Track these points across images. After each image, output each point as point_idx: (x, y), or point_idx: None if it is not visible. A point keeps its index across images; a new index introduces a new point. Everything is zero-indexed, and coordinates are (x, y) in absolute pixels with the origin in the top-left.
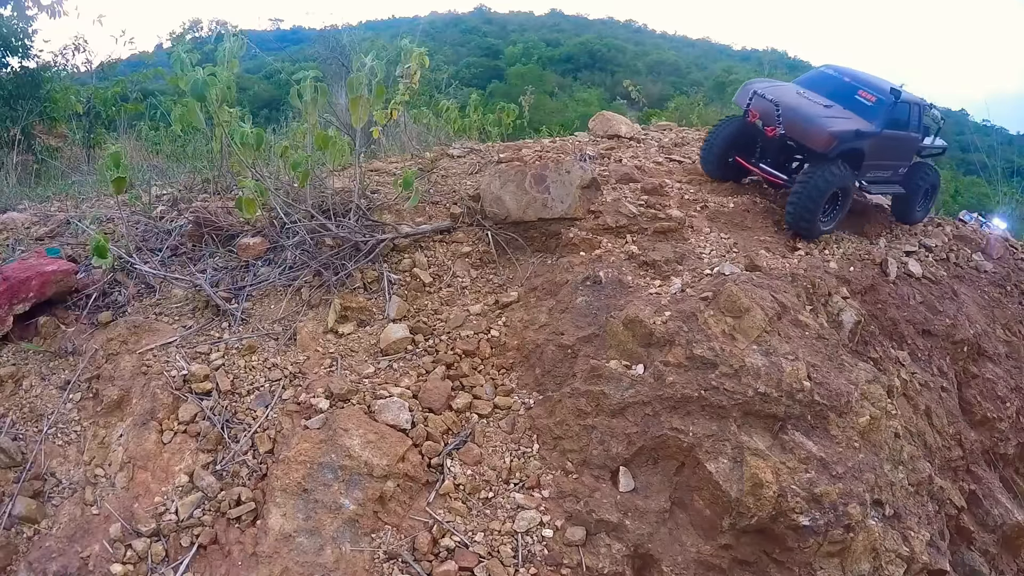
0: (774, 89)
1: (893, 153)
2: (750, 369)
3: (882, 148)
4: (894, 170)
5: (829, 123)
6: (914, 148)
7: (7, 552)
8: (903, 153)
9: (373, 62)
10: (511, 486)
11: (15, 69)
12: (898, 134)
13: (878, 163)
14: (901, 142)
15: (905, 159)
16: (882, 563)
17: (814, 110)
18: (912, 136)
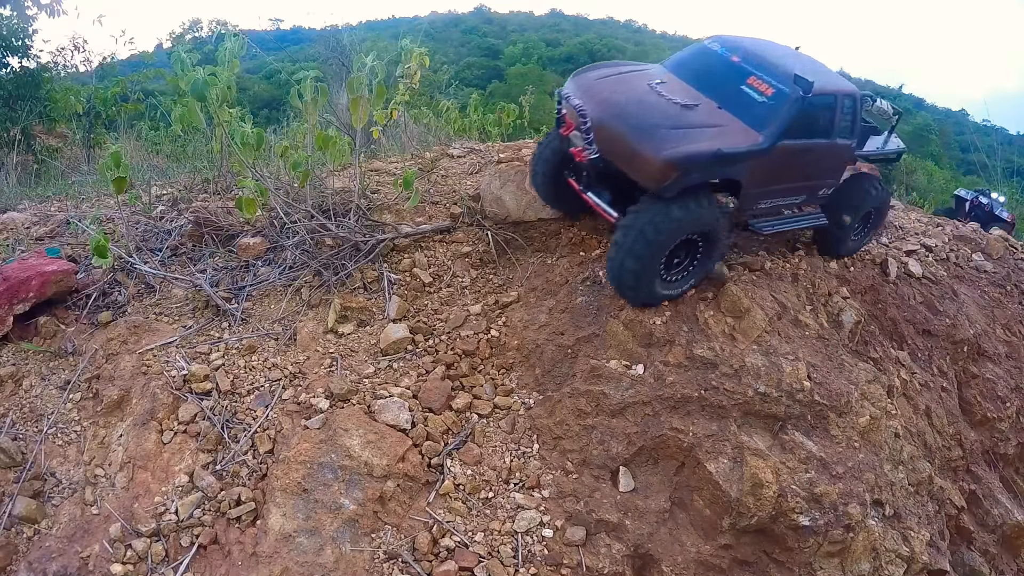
0: (607, 81)
1: (804, 172)
2: (750, 369)
3: (782, 168)
4: (810, 194)
5: (665, 142)
6: (844, 161)
7: (7, 552)
8: (823, 170)
9: (373, 62)
10: (511, 486)
11: (15, 69)
12: (813, 145)
13: (776, 189)
14: (818, 155)
15: (828, 177)
16: (882, 563)
17: (650, 118)
18: (838, 145)
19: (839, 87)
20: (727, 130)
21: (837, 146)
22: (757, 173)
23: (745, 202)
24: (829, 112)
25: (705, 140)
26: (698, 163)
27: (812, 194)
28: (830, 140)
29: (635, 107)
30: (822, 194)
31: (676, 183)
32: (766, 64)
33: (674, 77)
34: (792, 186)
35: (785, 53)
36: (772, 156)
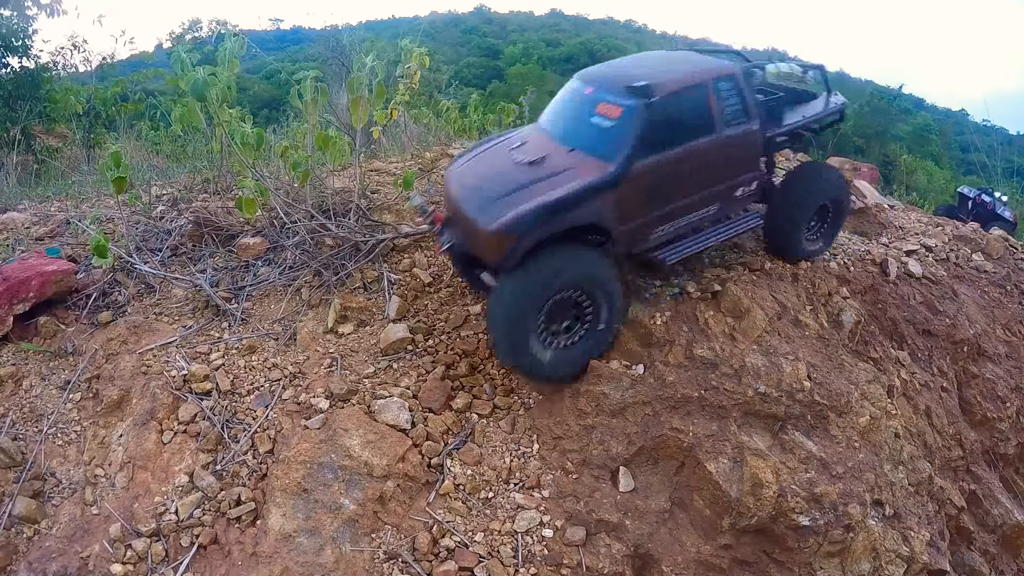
0: (467, 165)
1: (695, 180)
2: (750, 369)
3: (660, 187)
4: (723, 199)
5: (495, 213)
6: (750, 149)
7: (7, 552)
8: (723, 169)
9: (373, 62)
10: (511, 486)
11: (15, 69)
12: (693, 148)
13: (668, 211)
14: (707, 157)
15: (735, 174)
16: (882, 563)
17: (489, 192)
18: (731, 136)
19: (705, 73)
20: (570, 174)
21: (730, 138)
22: (625, 204)
23: (628, 238)
24: (700, 105)
25: (538, 196)
26: (526, 224)
27: (726, 199)
28: (716, 135)
29: (479, 185)
30: (742, 194)
31: (514, 252)
32: (616, 85)
33: (537, 133)
34: (689, 201)
35: (647, 64)
36: (638, 180)
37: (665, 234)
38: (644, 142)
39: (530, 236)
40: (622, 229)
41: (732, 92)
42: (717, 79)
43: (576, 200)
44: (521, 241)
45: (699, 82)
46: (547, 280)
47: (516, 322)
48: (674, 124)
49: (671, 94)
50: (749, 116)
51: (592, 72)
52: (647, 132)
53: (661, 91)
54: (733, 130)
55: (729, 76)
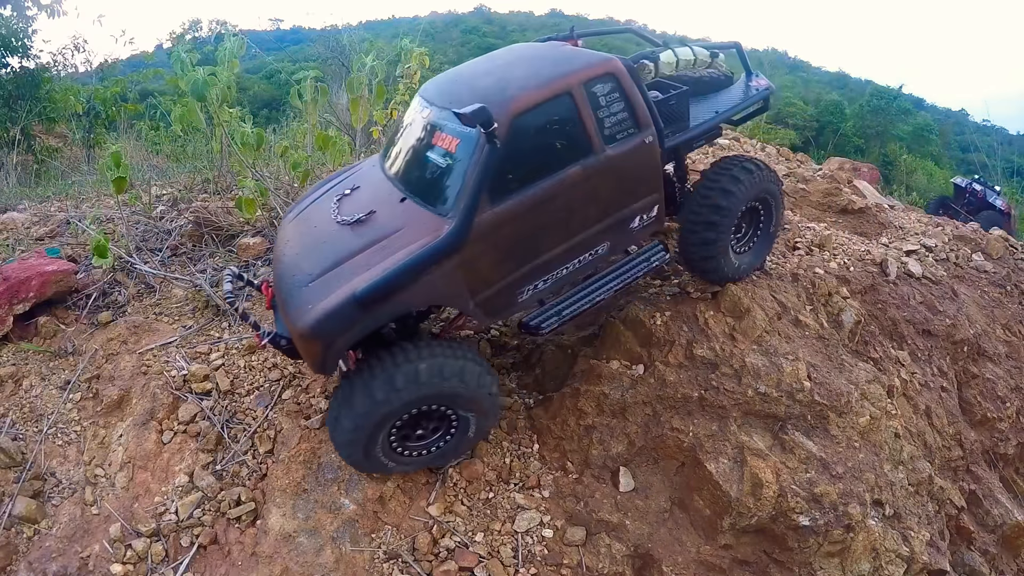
0: (294, 224)
1: (574, 219)
2: (750, 369)
3: (523, 238)
4: (614, 235)
5: (305, 306)
6: (646, 164)
7: (7, 552)
8: (611, 196)
9: (373, 62)
10: (511, 486)
11: (15, 69)
12: (564, 179)
13: (538, 265)
14: (587, 186)
15: (629, 200)
16: (882, 563)
17: (302, 270)
18: (619, 153)
19: (570, 77)
20: (396, 239)
21: (615, 158)
22: (474, 270)
23: (487, 309)
24: (567, 121)
25: (349, 281)
26: (331, 325)
27: (619, 234)
28: (594, 156)
29: (294, 259)
30: (639, 224)
31: (324, 361)
32: (457, 104)
33: (376, 172)
34: (566, 247)
35: (500, 67)
36: (488, 237)
37: (537, 292)
38: (490, 185)
39: (342, 339)
40: (476, 301)
41: (613, 96)
42: (589, 81)
43: (397, 283)
44: (329, 347)
45: (562, 90)
46: (383, 400)
47: (353, 440)
48: (532, 153)
49: (522, 114)
50: (640, 124)
51: (436, 84)
52: (492, 171)
53: (506, 112)
54: (619, 146)
55: (607, 75)
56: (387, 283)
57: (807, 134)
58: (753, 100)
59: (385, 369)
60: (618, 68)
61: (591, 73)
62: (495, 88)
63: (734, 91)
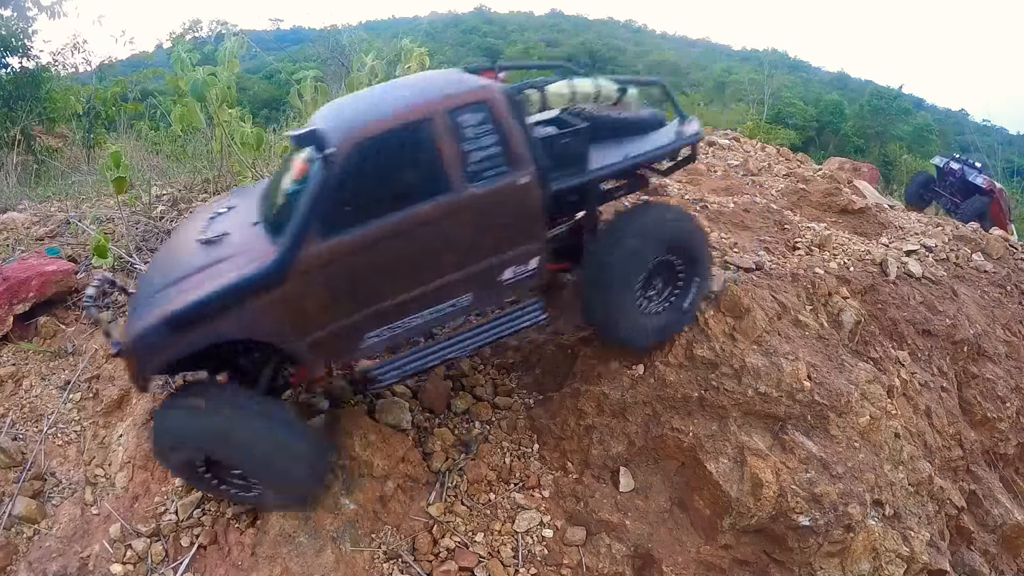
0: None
1: (423, 262)
2: (750, 369)
3: (355, 277)
4: (479, 285)
5: (132, 321)
6: (520, 209)
7: (7, 552)
8: (476, 241)
9: (373, 62)
10: (511, 486)
11: (15, 69)
12: (414, 216)
13: (383, 309)
14: (442, 226)
15: (495, 248)
16: (882, 563)
17: (151, 281)
18: (484, 193)
19: (432, 104)
20: (229, 264)
21: (480, 197)
22: (301, 308)
23: (321, 350)
24: (421, 152)
25: (175, 299)
26: (146, 343)
27: (486, 285)
28: (452, 194)
29: (151, 273)
30: (514, 276)
31: (143, 377)
32: (319, 127)
33: (258, 193)
34: (418, 294)
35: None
36: (317, 273)
37: (384, 341)
38: (322, 216)
39: (155, 358)
40: (308, 342)
41: (484, 127)
42: (456, 109)
43: (208, 310)
44: (143, 366)
45: (420, 116)
46: (169, 440)
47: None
48: (377, 184)
49: (368, 140)
50: (514, 162)
51: (323, 108)
52: (326, 201)
53: (349, 137)
54: (486, 185)
55: (478, 104)
56: (197, 309)
57: (807, 134)
58: (676, 147)
59: (171, 406)
60: (492, 96)
61: (459, 100)
62: (357, 114)
63: (660, 135)
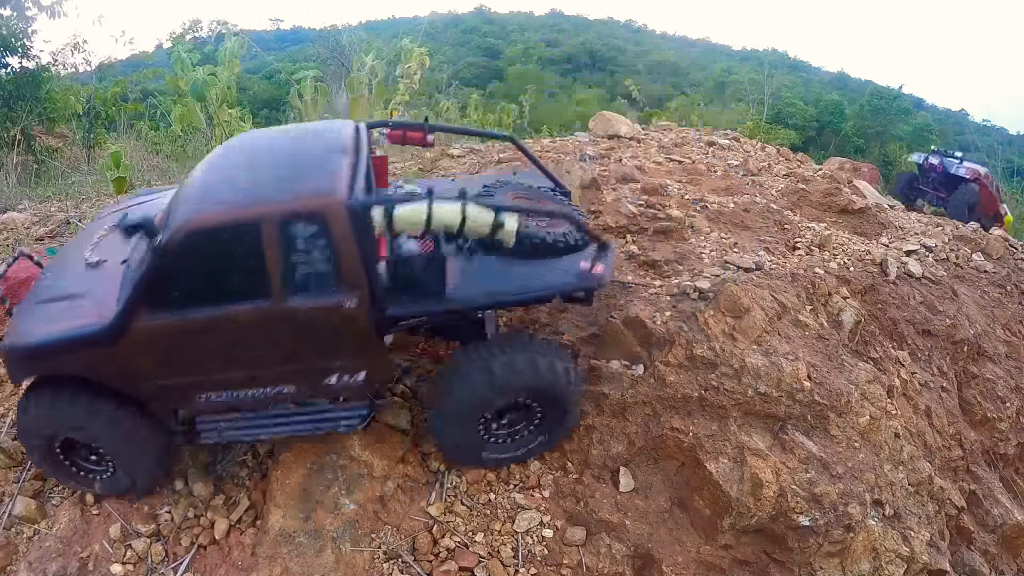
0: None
1: (242, 354)
2: (750, 369)
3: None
4: (300, 384)
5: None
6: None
7: (7, 552)
8: (296, 349)
9: (373, 62)
10: (511, 486)
11: (15, 69)
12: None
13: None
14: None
15: (318, 358)
16: (882, 563)
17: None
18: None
19: (270, 206)
20: (83, 304)
21: (303, 312)
22: (132, 364)
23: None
24: (249, 254)
25: (37, 327)
26: (15, 359)
27: (310, 383)
28: (273, 303)
29: (45, 275)
30: (341, 383)
31: (14, 379)
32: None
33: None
34: (241, 377)
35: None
36: (153, 340)
37: (217, 403)
38: (150, 296)
39: (21, 373)
40: (148, 388)
41: (317, 242)
42: (287, 218)
43: (54, 349)
44: (13, 374)
45: (250, 219)
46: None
47: None
48: (203, 276)
49: (199, 232)
50: (345, 284)
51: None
52: (154, 285)
53: (182, 228)
54: (308, 300)
55: (313, 216)
56: (46, 346)
57: (807, 134)
58: (564, 288)
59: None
60: (332, 211)
61: (293, 208)
62: (192, 199)
63: (560, 267)
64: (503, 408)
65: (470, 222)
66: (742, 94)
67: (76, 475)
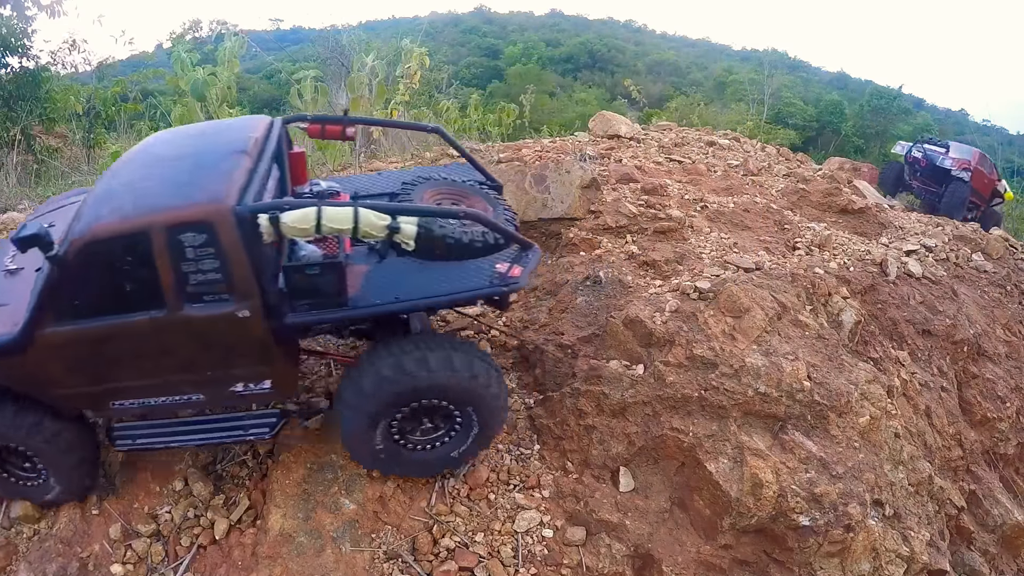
0: None
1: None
2: (750, 369)
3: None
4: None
5: None
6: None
7: (7, 552)
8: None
9: (374, 62)
10: (511, 486)
11: (15, 69)
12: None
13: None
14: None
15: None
16: (882, 563)
17: None
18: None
19: (157, 215)
20: (5, 310)
21: (199, 320)
22: (46, 372)
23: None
24: (142, 264)
25: None
26: None
27: (217, 391)
28: (169, 312)
29: None
30: (247, 390)
31: None
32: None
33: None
34: (147, 385)
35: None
36: (60, 349)
37: (128, 408)
38: (53, 307)
39: None
40: (60, 394)
41: (206, 250)
42: (175, 227)
43: None
44: None
45: (139, 229)
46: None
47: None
48: (101, 286)
49: (97, 243)
50: (237, 292)
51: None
52: (55, 293)
53: (80, 239)
54: (203, 309)
55: (200, 224)
56: None
57: (807, 134)
58: (475, 293)
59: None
60: (219, 218)
61: (180, 217)
62: (108, 198)
63: (475, 269)
64: (418, 412)
65: (363, 226)
66: (742, 94)
67: (10, 484)
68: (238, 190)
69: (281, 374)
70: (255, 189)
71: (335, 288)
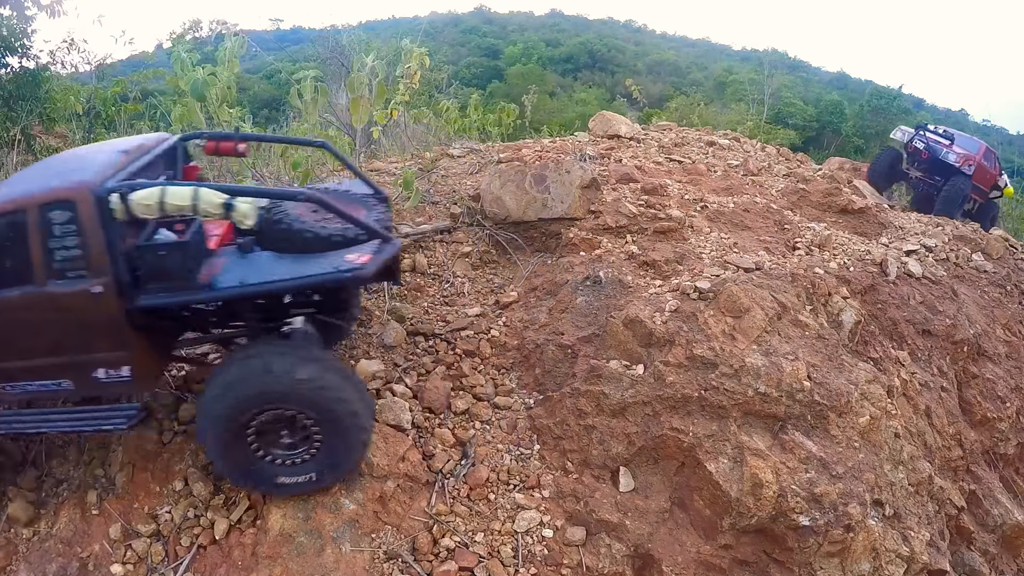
0: None
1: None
2: (750, 369)
3: None
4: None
5: None
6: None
7: (7, 552)
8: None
9: (373, 62)
10: (511, 486)
11: (15, 69)
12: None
13: None
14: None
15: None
16: (882, 563)
17: None
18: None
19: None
20: None
21: (60, 296)
22: None
23: None
24: (17, 242)
25: None
26: None
27: (81, 377)
28: (36, 288)
29: None
30: (109, 377)
31: None
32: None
33: None
34: (12, 367)
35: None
36: None
37: (9, 393)
38: None
39: None
40: None
41: (69, 228)
42: (46, 205)
43: None
44: None
45: (16, 208)
46: None
47: None
48: None
49: None
50: (92, 269)
51: None
52: None
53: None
54: (64, 286)
55: (65, 203)
56: None
57: (807, 134)
58: (318, 279)
59: None
60: (80, 196)
61: (49, 196)
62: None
63: (327, 260)
64: (275, 424)
65: (201, 204)
66: (742, 94)
67: None
68: (105, 176)
69: (140, 363)
70: (125, 178)
71: (182, 270)
